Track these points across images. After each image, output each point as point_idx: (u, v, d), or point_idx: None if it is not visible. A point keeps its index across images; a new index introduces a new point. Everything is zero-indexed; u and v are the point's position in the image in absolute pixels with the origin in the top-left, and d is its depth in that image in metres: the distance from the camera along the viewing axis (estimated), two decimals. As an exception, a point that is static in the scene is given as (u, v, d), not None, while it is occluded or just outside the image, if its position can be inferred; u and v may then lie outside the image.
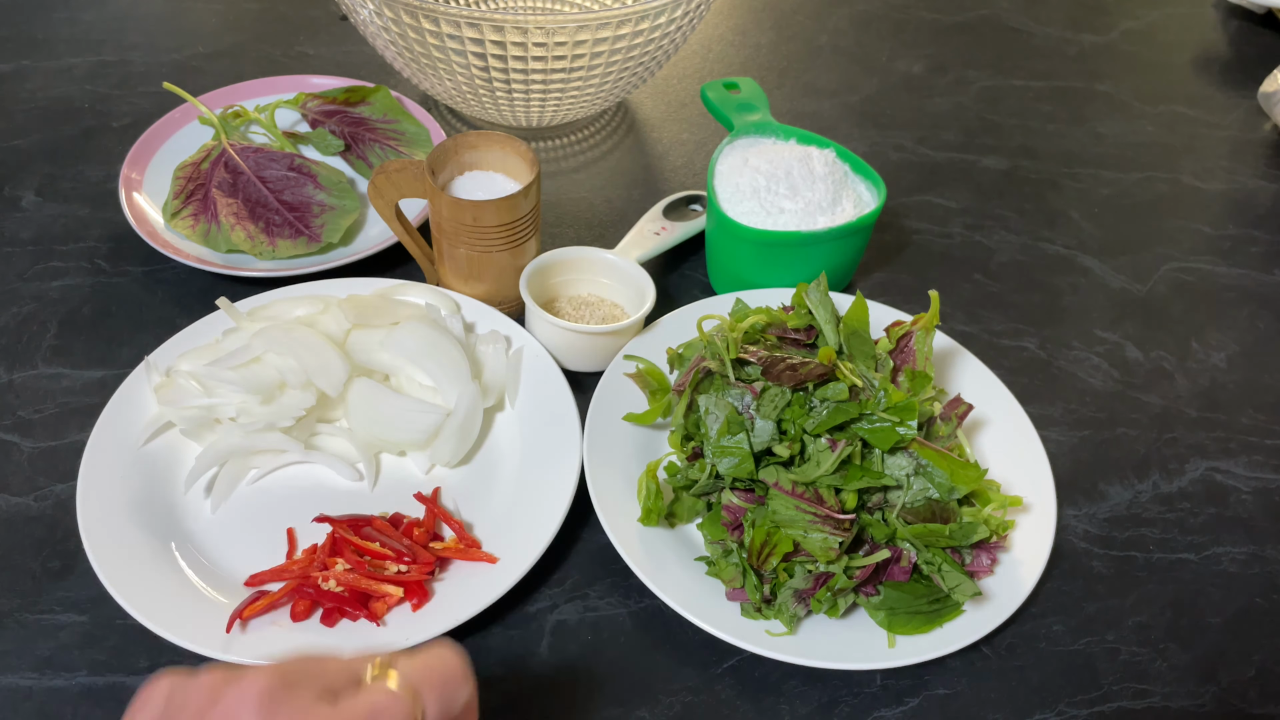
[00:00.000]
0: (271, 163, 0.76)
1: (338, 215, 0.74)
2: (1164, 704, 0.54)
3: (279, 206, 0.74)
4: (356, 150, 0.83)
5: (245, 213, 0.73)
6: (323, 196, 0.75)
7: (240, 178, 0.75)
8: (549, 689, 0.52)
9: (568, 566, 0.58)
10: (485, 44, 0.73)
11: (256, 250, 0.71)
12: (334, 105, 0.85)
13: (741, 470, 0.55)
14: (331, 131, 0.83)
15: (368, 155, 0.82)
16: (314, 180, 0.76)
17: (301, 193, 0.75)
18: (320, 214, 0.74)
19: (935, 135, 0.95)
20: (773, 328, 0.60)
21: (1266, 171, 0.94)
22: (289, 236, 0.72)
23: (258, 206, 0.73)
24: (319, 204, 0.74)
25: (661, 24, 0.76)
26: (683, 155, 0.89)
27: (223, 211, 0.73)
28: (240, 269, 0.71)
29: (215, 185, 0.74)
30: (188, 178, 0.75)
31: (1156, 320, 0.77)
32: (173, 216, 0.73)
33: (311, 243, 0.72)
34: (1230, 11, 1.19)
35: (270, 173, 0.76)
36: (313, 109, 0.85)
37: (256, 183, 0.75)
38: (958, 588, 0.53)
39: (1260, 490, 0.65)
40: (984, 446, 0.63)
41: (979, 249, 0.82)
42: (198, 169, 0.75)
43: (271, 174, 0.75)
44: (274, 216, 0.73)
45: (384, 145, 0.83)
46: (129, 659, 0.52)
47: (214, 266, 0.70)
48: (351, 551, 0.55)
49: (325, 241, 0.73)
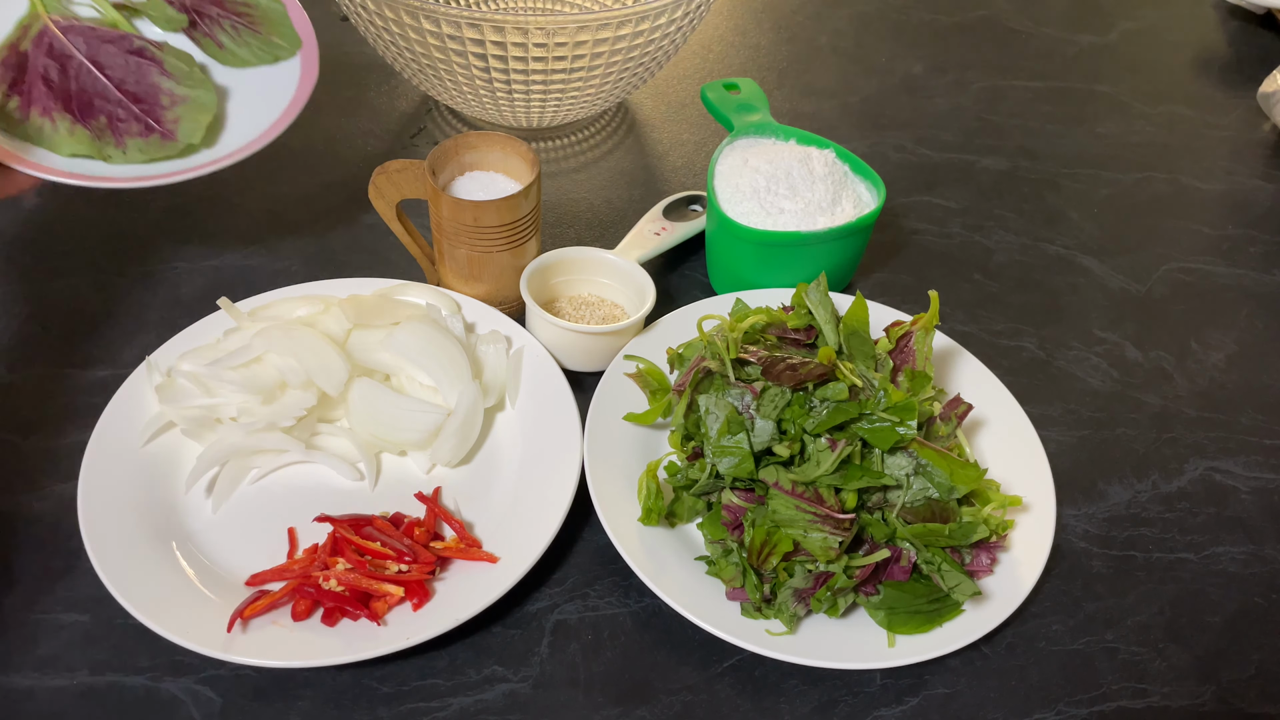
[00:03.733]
0: (106, 44, 0.64)
1: (192, 109, 0.64)
2: (1163, 703, 0.54)
3: (121, 98, 0.63)
4: (203, 28, 0.69)
5: (82, 108, 0.62)
6: (170, 85, 0.64)
7: (70, 63, 0.62)
8: (549, 689, 0.52)
9: (568, 566, 0.58)
10: (485, 44, 0.73)
11: (103, 153, 0.62)
12: None
13: (741, 470, 0.55)
14: (169, 3, 0.68)
15: (216, 34, 0.69)
16: (159, 66, 0.64)
17: (147, 81, 0.64)
18: (171, 106, 0.63)
19: (935, 136, 0.95)
20: (773, 328, 0.60)
21: (1266, 171, 0.94)
22: (138, 134, 0.62)
23: (97, 99, 0.62)
24: (168, 94, 0.64)
25: (661, 24, 0.76)
26: (683, 155, 0.89)
27: (55, 107, 0.62)
28: (93, 178, 0.61)
29: (42, 75, 0.62)
30: (5, 63, 0.62)
31: (1156, 320, 0.77)
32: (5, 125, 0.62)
33: (166, 141, 0.63)
34: (1230, 11, 1.19)
35: (106, 57, 0.63)
36: None
37: (92, 69, 0.62)
38: (957, 587, 0.53)
39: (1259, 490, 0.65)
40: (984, 446, 0.63)
41: (978, 249, 0.83)
42: (16, 52, 0.62)
43: (108, 58, 0.63)
44: (117, 111, 0.62)
45: (235, 23, 0.70)
46: (130, 659, 0.52)
47: (61, 176, 0.60)
48: (352, 551, 0.55)
49: (183, 141, 0.63)
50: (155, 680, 0.51)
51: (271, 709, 0.51)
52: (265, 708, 0.51)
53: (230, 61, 0.68)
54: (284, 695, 0.51)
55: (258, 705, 0.51)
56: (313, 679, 0.52)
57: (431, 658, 0.53)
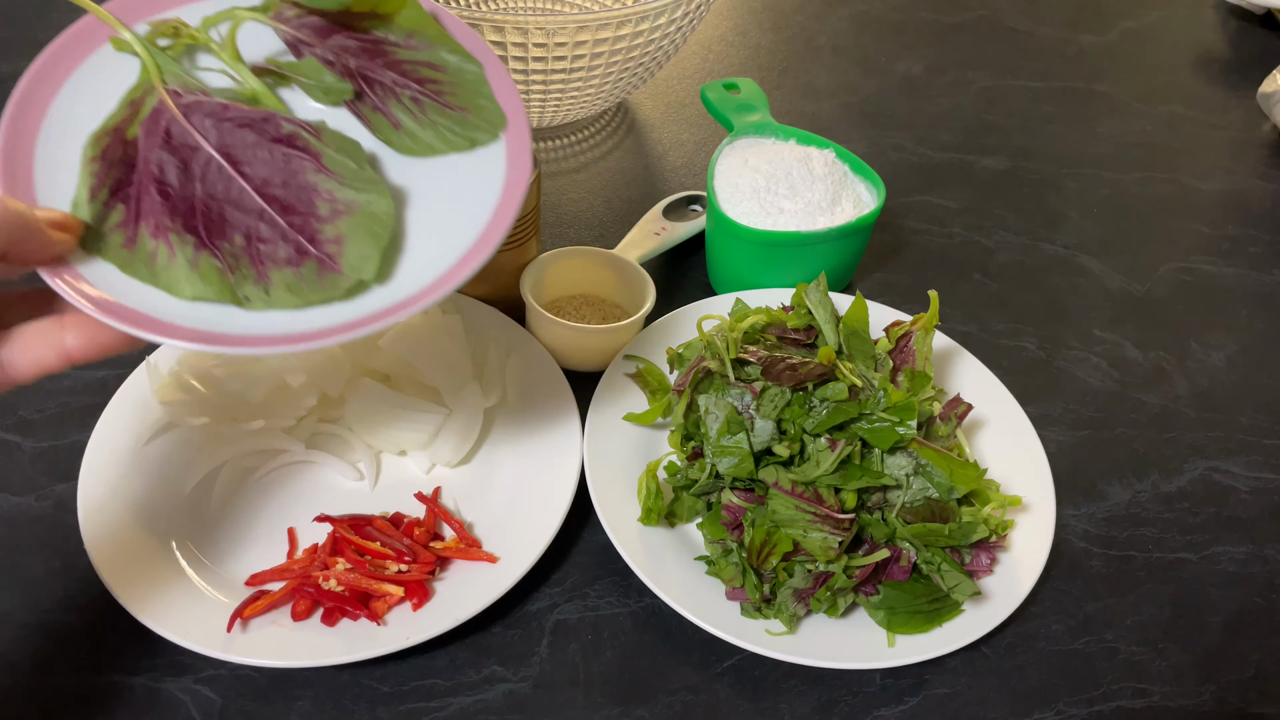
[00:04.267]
0: (242, 129, 0.44)
1: (362, 223, 0.44)
2: (1163, 703, 0.54)
3: (264, 208, 0.43)
4: (372, 99, 0.48)
5: (210, 225, 0.43)
6: (331, 187, 0.44)
7: (195, 158, 0.43)
8: (549, 689, 0.52)
9: (568, 566, 0.58)
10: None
11: (239, 294, 0.42)
12: (329, 17, 0.48)
13: (741, 470, 0.55)
14: (327, 63, 0.48)
15: (390, 109, 0.48)
16: (316, 160, 0.44)
17: (298, 182, 0.44)
18: (332, 219, 0.44)
19: (935, 135, 0.95)
20: (773, 328, 0.60)
21: (1266, 171, 0.94)
22: (287, 263, 0.43)
23: (230, 209, 0.43)
24: (328, 199, 0.44)
25: (661, 24, 0.76)
26: (683, 155, 0.89)
27: (174, 224, 0.43)
28: (226, 339, 0.41)
29: (156, 177, 0.43)
30: (108, 157, 0.43)
31: (1156, 320, 0.77)
32: (95, 237, 0.42)
33: (325, 272, 0.43)
34: (1230, 11, 1.19)
35: (244, 148, 0.44)
36: (294, 21, 0.48)
37: (224, 165, 0.43)
38: (957, 587, 0.53)
39: (1259, 490, 0.65)
40: (983, 446, 0.63)
41: (978, 249, 0.83)
42: (122, 140, 0.43)
43: (246, 149, 0.44)
44: (258, 227, 0.43)
45: (418, 94, 0.48)
46: (130, 659, 0.52)
47: (182, 340, 0.40)
48: (352, 551, 0.55)
49: (350, 275, 0.43)
50: (155, 680, 0.51)
51: (271, 709, 0.51)
52: (265, 708, 0.51)
53: (410, 149, 0.48)
54: (284, 695, 0.51)
55: (257, 705, 0.51)
56: (313, 679, 0.52)
57: (431, 658, 0.53)
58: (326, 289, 0.43)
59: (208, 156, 0.43)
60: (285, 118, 0.45)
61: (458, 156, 0.48)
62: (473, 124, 0.48)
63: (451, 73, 0.49)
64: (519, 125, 0.49)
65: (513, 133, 0.49)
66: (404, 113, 0.48)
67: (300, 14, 0.47)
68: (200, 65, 0.47)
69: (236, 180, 0.43)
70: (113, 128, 0.43)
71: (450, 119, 0.48)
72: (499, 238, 0.45)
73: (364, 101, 0.48)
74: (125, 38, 0.45)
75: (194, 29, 0.46)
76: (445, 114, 0.48)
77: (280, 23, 0.47)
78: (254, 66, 0.47)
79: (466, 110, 0.48)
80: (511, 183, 0.47)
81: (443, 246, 0.46)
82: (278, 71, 0.47)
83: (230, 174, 0.43)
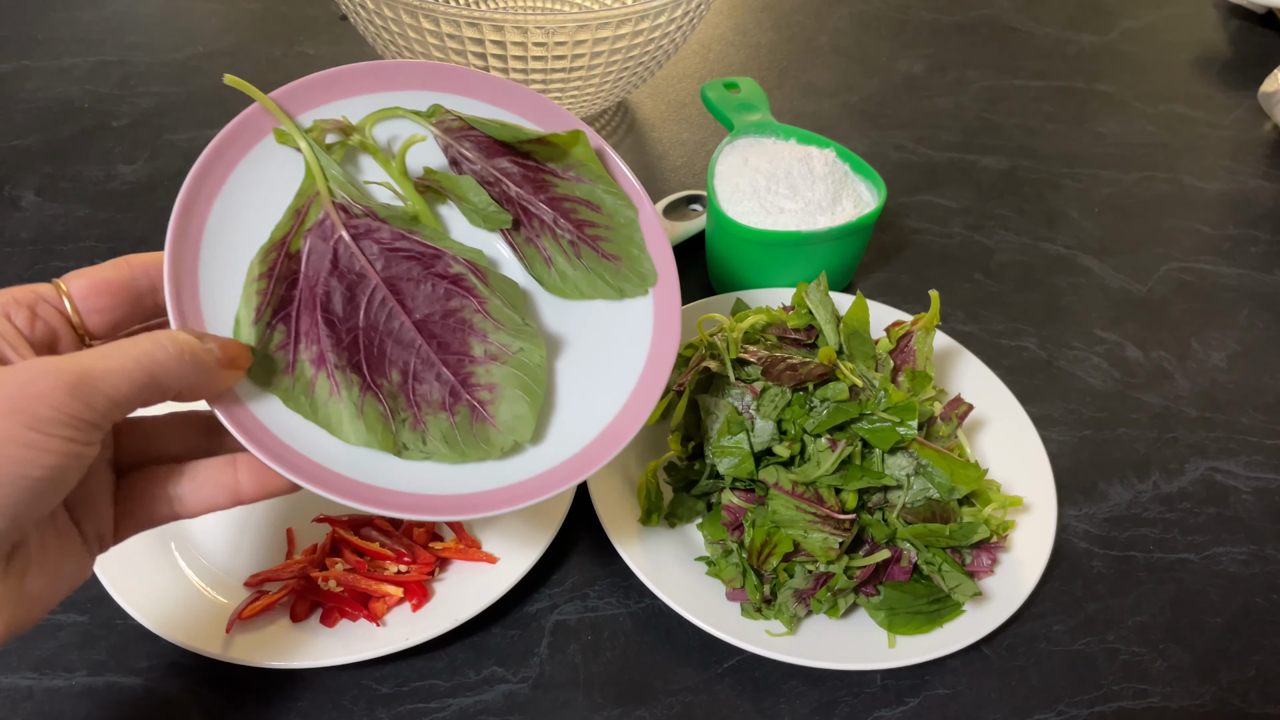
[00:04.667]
0: (409, 260, 0.42)
1: (518, 376, 0.43)
2: (1164, 704, 0.54)
3: (424, 347, 0.42)
4: (528, 231, 0.46)
5: (373, 362, 0.41)
6: (489, 329, 0.43)
7: (361, 288, 0.41)
8: (549, 690, 0.52)
9: (568, 566, 0.58)
10: (485, 44, 0.73)
11: (397, 443, 0.41)
12: (492, 135, 0.45)
13: (741, 470, 0.55)
14: (485, 184, 0.45)
15: (544, 244, 0.46)
16: (477, 301, 0.43)
17: (455, 321, 0.43)
18: (486, 362, 0.42)
19: (935, 135, 0.95)
20: (773, 328, 0.60)
21: (1267, 171, 0.94)
22: (443, 409, 0.42)
23: (390, 343, 0.41)
24: (483, 342, 0.43)
25: (661, 24, 0.76)
26: (683, 155, 0.89)
27: (340, 359, 0.41)
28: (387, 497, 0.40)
29: (323, 303, 0.41)
30: (273, 274, 0.40)
31: (1156, 320, 0.77)
32: (265, 373, 0.40)
33: (479, 425, 0.42)
34: (1230, 11, 1.19)
35: (410, 282, 0.42)
36: (457, 132, 0.45)
37: (389, 298, 0.42)
38: (958, 588, 0.53)
39: (1260, 490, 0.65)
40: (984, 446, 0.63)
41: (979, 249, 0.82)
42: (285, 253, 0.41)
43: (411, 283, 0.42)
44: (417, 367, 0.41)
45: (576, 236, 0.46)
46: (128, 659, 0.52)
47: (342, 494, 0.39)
48: (351, 551, 0.55)
49: (505, 435, 0.42)
50: (154, 681, 0.51)
51: (271, 710, 0.51)
52: (265, 708, 0.51)
53: (559, 290, 0.47)
54: (283, 696, 0.51)
55: (257, 706, 0.51)
56: (312, 679, 0.52)
57: (430, 658, 0.53)
58: (482, 447, 0.42)
59: (374, 286, 0.42)
60: (455, 257, 0.43)
61: (604, 304, 0.47)
62: (623, 275, 0.47)
63: (606, 214, 0.47)
64: (669, 281, 0.47)
65: (662, 289, 0.47)
66: (558, 252, 0.46)
67: (464, 125, 0.45)
68: (363, 169, 0.45)
69: (399, 314, 0.42)
70: (278, 240, 0.41)
71: (603, 266, 0.47)
72: (646, 413, 0.44)
73: (519, 232, 0.46)
74: (293, 135, 0.42)
75: (365, 137, 0.44)
76: (600, 262, 0.47)
77: (444, 132, 0.45)
78: (415, 180, 0.45)
79: (619, 259, 0.47)
80: (658, 351, 0.46)
81: (591, 408, 0.45)
82: (436, 187, 0.45)
83: (394, 306, 0.42)
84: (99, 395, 0.32)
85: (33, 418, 0.31)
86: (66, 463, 0.32)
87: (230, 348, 0.38)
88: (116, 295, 0.38)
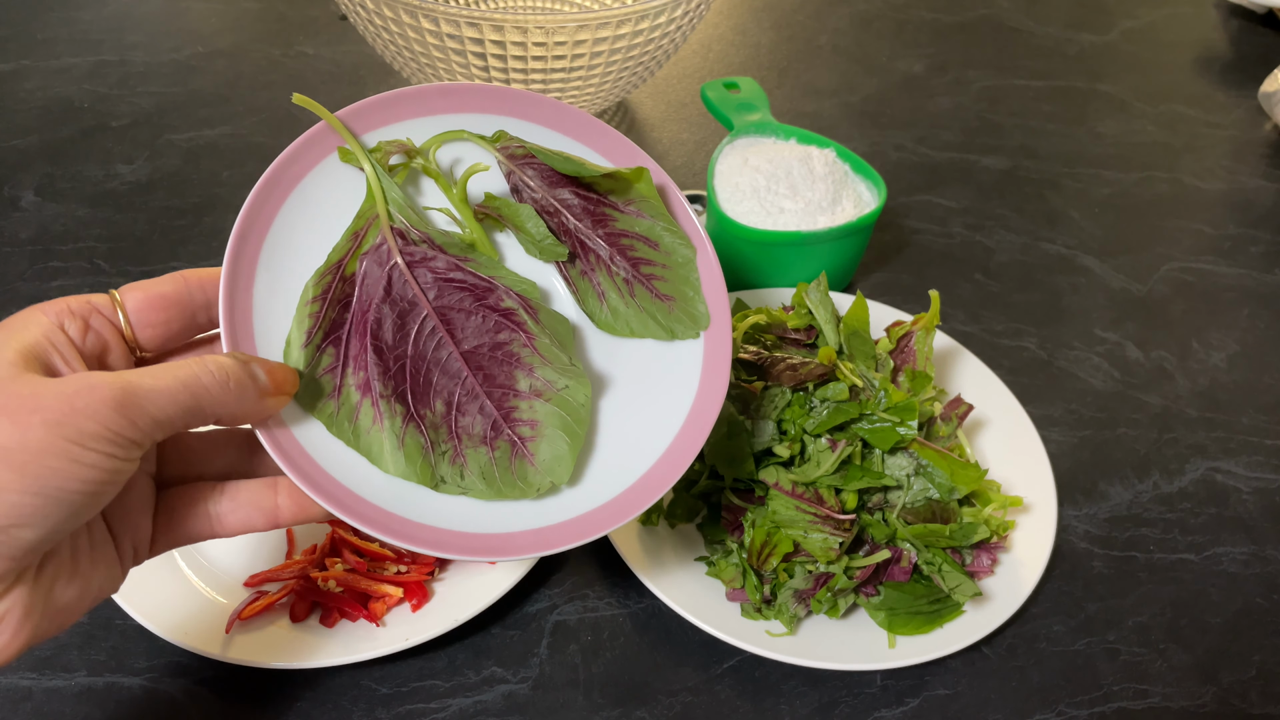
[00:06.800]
0: (461, 291, 0.42)
1: (558, 413, 0.42)
2: (1164, 704, 0.54)
3: (470, 378, 0.42)
4: (583, 263, 0.46)
5: (418, 392, 0.41)
6: (535, 364, 0.43)
7: (412, 317, 0.41)
8: (548, 690, 0.52)
9: (568, 566, 0.58)
10: (485, 44, 0.73)
11: (435, 476, 0.41)
12: (555, 168, 0.44)
13: (742, 470, 0.55)
14: (545, 214, 0.45)
15: (598, 278, 0.46)
16: (525, 335, 0.43)
17: (502, 354, 0.42)
18: (530, 397, 0.42)
19: (935, 135, 0.95)
20: (773, 328, 0.60)
21: (1267, 171, 0.94)
22: (483, 444, 0.42)
23: (437, 372, 0.41)
24: (528, 377, 0.42)
25: (661, 24, 0.76)
26: (683, 155, 0.89)
27: (385, 389, 0.40)
28: (409, 520, 0.40)
29: (373, 330, 0.41)
30: (327, 297, 0.40)
31: (1156, 320, 0.77)
32: (311, 396, 0.40)
33: (518, 462, 0.42)
34: (1230, 11, 1.19)
35: (461, 313, 0.42)
36: (520, 160, 0.45)
37: (439, 327, 0.41)
38: (958, 588, 0.53)
39: (1260, 490, 0.65)
40: (984, 446, 0.63)
41: (979, 249, 0.82)
42: (340, 276, 0.41)
43: (461, 315, 0.42)
44: (460, 398, 0.41)
45: (631, 275, 0.46)
46: (128, 659, 0.52)
47: (380, 529, 0.39)
48: (351, 552, 0.55)
49: (544, 475, 0.42)
50: (154, 681, 0.51)
51: (270, 710, 0.51)
52: (264, 709, 0.51)
53: (610, 326, 0.46)
54: (282, 696, 0.51)
55: (256, 706, 0.51)
56: (311, 680, 0.52)
57: (430, 659, 0.53)
58: (519, 486, 0.42)
59: (425, 315, 0.41)
60: (507, 290, 0.43)
61: (653, 344, 0.47)
62: (676, 316, 0.46)
63: (664, 252, 0.46)
64: (721, 326, 0.46)
65: (714, 333, 0.46)
66: (612, 288, 0.45)
67: (527, 153, 0.44)
68: (424, 191, 0.44)
69: (448, 343, 0.42)
70: (334, 262, 0.41)
71: (656, 306, 0.46)
72: (685, 465, 0.43)
73: (574, 265, 0.46)
74: (357, 155, 0.41)
75: (429, 161, 0.43)
76: (655, 303, 0.46)
77: (507, 158, 0.45)
78: (474, 206, 0.45)
79: (673, 299, 0.46)
80: (704, 398, 0.45)
81: (630, 453, 0.44)
82: (495, 215, 0.45)
83: (443, 336, 0.41)
84: (143, 414, 0.33)
85: (77, 431, 0.31)
86: (105, 477, 0.32)
87: (277, 373, 0.38)
88: (170, 310, 0.38)
